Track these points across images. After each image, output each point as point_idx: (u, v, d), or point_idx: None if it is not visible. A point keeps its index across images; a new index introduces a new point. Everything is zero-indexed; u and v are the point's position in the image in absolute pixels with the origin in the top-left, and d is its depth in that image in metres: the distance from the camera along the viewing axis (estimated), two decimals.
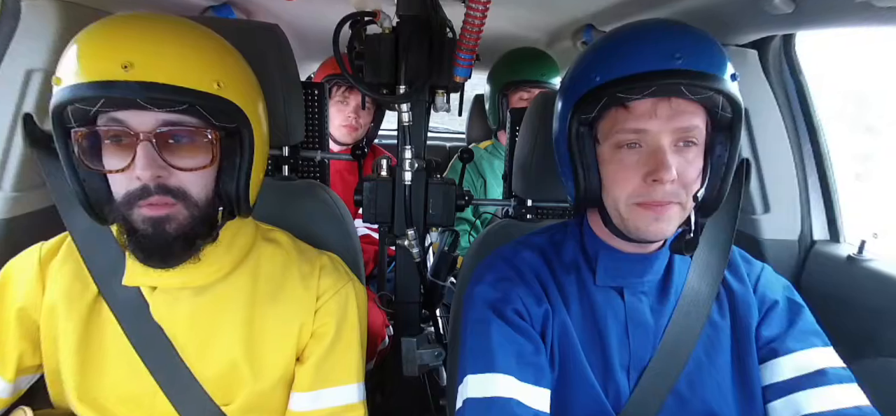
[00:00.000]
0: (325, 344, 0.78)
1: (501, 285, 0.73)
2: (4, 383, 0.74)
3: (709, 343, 0.72)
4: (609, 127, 0.66)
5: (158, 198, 0.63)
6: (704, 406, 0.70)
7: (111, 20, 0.63)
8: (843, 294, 1.11)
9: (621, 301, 0.72)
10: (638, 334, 0.71)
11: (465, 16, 0.88)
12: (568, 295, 0.73)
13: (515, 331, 0.69)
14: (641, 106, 0.63)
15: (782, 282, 0.76)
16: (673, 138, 0.64)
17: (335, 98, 1.62)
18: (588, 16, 1.54)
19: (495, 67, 1.89)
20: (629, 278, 0.72)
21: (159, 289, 0.73)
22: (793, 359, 0.69)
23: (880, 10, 0.81)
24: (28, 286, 0.73)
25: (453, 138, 2.92)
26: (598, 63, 0.66)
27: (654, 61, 0.61)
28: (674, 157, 0.63)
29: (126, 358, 0.72)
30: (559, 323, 0.71)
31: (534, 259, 0.76)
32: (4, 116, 0.98)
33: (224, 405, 0.75)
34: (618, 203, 0.67)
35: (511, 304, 0.71)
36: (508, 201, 1.22)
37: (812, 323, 0.72)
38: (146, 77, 0.58)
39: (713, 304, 0.73)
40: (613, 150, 0.66)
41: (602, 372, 0.71)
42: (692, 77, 0.60)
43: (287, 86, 0.94)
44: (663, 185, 0.63)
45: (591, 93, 0.65)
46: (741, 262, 0.77)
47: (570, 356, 0.70)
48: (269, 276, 0.78)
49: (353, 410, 0.80)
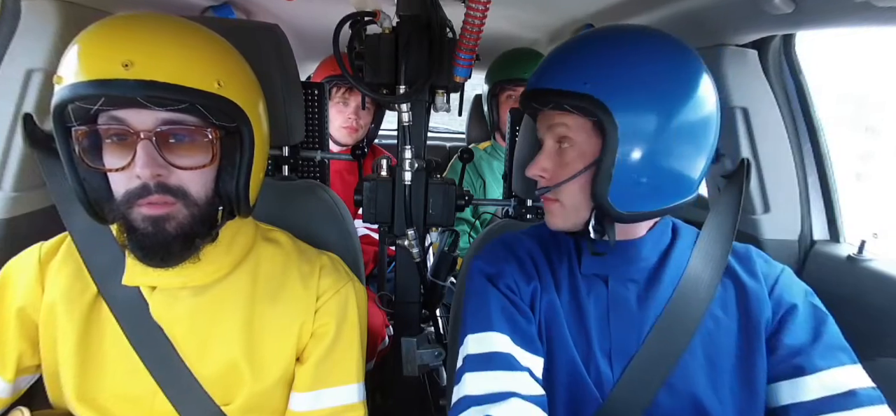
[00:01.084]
0: (325, 344, 0.78)
1: (495, 263, 0.78)
2: (4, 383, 0.74)
3: (708, 338, 0.72)
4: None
5: (158, 197, 0.63)
6: (699, 401, 0.70)
7: (112, 20, 0.63)
8: (844, 294, 1.11)
9: (605, 288, 0.75)
10: (619, 322, 0.73)
11: (465, 16, 0.88)
12: (559, 279, 0.77)
13: (509, 302, 0.74)
14: (541, 114, 0.74)
15: (803, 287, 0.75)
16: (553, 137, 0.72)
17: (335, 99, 1.62)
18: (588, 16, 1.54)
19: (488, 70, 1.91)
20: (614, 268, 0.74)
21: (159, 289, 0.73)
22: (819, 378, 0.67)
23: (880, 10, 0.81)
24: (27, 286, 0.74)
25: (453, 138, 2.92)
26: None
27: (525, 75, 0.66)
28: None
29: (126, 358, 0.72)
30: (547, 302, 0.75)
31: (530, 244, 0.81)
32: (4, 116, 0.97)
33: (224, 405, 0.75)
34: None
35: (503, 279, 0.76)
36: (508, 201, 1.22)
37: (838, 336, 0.70)
38: (146, 76, 0.58)
39: (716, 299, 0.73)
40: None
41: (585, 355, 0.73)
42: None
43: (287, 86, 0.94)
44: (538, 179, 0.74)
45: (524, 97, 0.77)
46: (760, 261, 0.77)
47: (557, 335, 0.74)
48: (269, 276, 0.78)
49: (353, 410, 0.80)
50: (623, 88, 0.65)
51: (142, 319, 0.72)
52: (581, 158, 0.69)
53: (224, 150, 0.68)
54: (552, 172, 0.71)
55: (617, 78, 0.65)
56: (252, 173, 0.69)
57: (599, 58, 0.68)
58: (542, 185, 0.73)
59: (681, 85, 0.66)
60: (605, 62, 0.67)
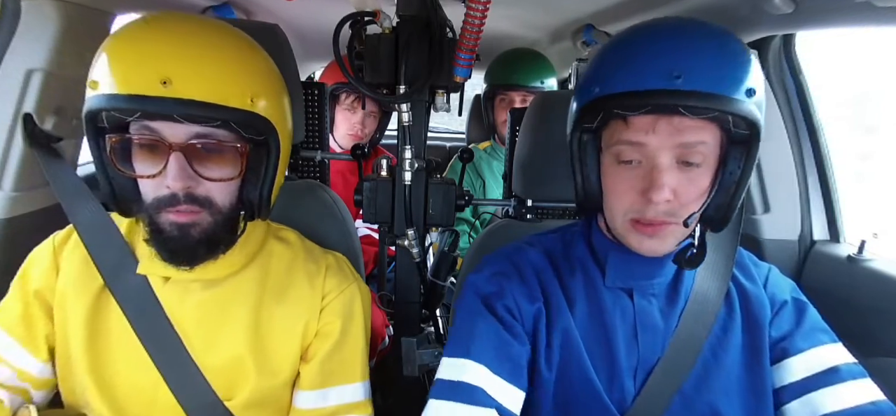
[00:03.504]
0: (330, 343, 0.79)
1: (497, 280, 0.72)
2: (40, 363, 0.75)
3: (717, 343, 0.70)
4: (610, 138, 0.65)
5: (186, 206, 0.65)
6: (710, 408, 0.69)
7: (148, 26, 0.64)
8: (844, 294, 1.11)
9: (630, 303, 0.71)
10: (647, 337, 0.70)
11: (465, 16, 0.88)
12: (573, 295, 0.72)
13: (502, 326, 0.68)
14: (640, 121, 0.61)
15: (789, 283, 0.75)
16: (674, 155, 0.61)
17: (343, 105, 1.63)
18: (588, 16, 1.54)
19: (487, 70, 1.92)
20: (639, 280, 0.70)
21: (172, 280, 0.74)
22: (803, 358, 0.68)
23: (880, 9, 0.81)
24: (44, 271, 0.75)
25: (453, 138, 2.92)
26: (599, 73, 0.64)
27: (652, 79, 0.58)
28: (673, 174, 0.61)
29: (131, 348, 0.73)
30: (560, 325, 0.70)
31: (537, 259, 0.75)
32: (4, 116, 0.98)
33: (227, 399, 0.75)
34: (614, 216, 0.66)
35: (502, 300, 0.70)
36: (508, 201, 1.22)
37: (818, 320, 0.72)
38: (184, 94, 0.60)
39: (722, 304, 0.71)
40: (613, 161, 0.65)
41: (607, 374, 0.69)
42: (693, 98, 0.57)
43: (287, 86, 0.94)
44: (658, 205, 0.61)
45: (592, 103, 0.63)
46: (750, 263, 0.76)
47: (573, 359, 0.69)
48: (277, 274, 0.79)
49: (359, 408, 0.80)
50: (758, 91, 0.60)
51: (147, 309, 0.73)
52: (708, 173, 0.62)
53: (250, 161, 0.69)
54: (680, 193, 0.62)
55: (757, 82, 0.60)
56: (275, 180, 0.70)
57: (742, 56, 0.60)
58: (668, 210, 0.62)
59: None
60: (747, 63, 0.60)
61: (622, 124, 0.62)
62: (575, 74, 1.56)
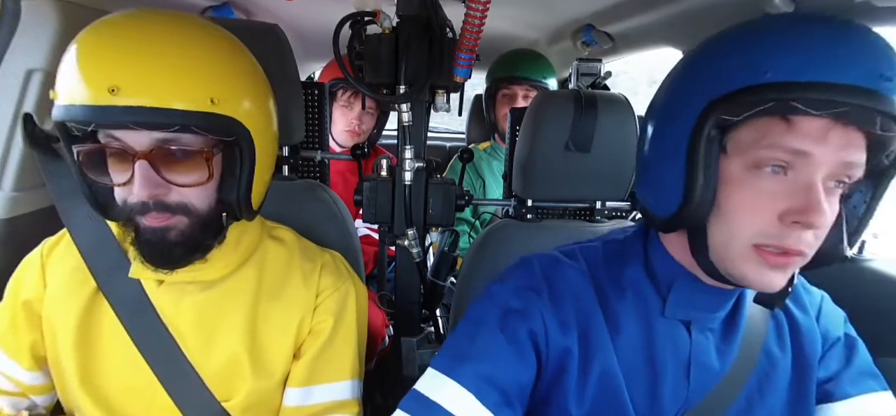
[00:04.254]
0: (321, 341, 0.78)
1: (525, 296, 0.62)
2: (24, 371, 0.75)
3: (764, 377, 0.63)
4: (751, 139, 0.51)
5: (157, 214, 0.64)
6: None
7: (101, 30, 0.61)
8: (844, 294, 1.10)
9: (687, 336, 0.62)
10: (700, 377, 0.61)
11: (465, 16, 0.88)
12: (619, 323, 0.62)
13: (513, 351, 0.59)
14: (811, 124, 0.48)
15: (841, 315, 0.68)
16: (830, 173, 0.50)
17: (340, 101, 1.63)
18: (588, 16, 1.54)
19: (488, 70, 1.93)
20: (701, 311, 0.61)
21: (166, 283, 0.73)
22: (847, 406, 0.63)
23: (880, 10, 0.81)
24: (32, 280, 0.75)
25: (453, 138, 2.92)
26: (771, 53, 0.49)
27: (857, 74, 0.46)
28: (825, 195, 0.50)
29: (125, 351, 0.73)
30: (599, 360, 0.61)
31: (577, 279, 0.64)
32: (4, 116, 0.97)
33: (224, 400, 0.75)
34: (732, 238, 0.53)
35: (528, 322, 0.60)
36: (508, 201, 1.22)
37: (868, 361, 0.66)
38: (132, 101, 0.57)
39: (770, 334, 0.64)
40: (747, 169, 0.52)
41: (646, 410, 0.61)
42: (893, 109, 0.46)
43: (287, 86, 0.94)
44: (806, 231, 0.50)
45: (751, 89, 0.49)
46: (801, 289, 0.68)
47: (611, 399, 0.61)
48: (273, 273, 0.79)
49: (344, 406, 0.80)
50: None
51: (142, 313, 0.73)
52: (837, 200, 0.53)
53: (226, 160, 0.68)
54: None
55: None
56: (256, 178, 0.69)
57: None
58: (813, 240, 0.52)
59: None
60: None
61: (781, 125, 0.49)
62: (575, 74, 1.56)
